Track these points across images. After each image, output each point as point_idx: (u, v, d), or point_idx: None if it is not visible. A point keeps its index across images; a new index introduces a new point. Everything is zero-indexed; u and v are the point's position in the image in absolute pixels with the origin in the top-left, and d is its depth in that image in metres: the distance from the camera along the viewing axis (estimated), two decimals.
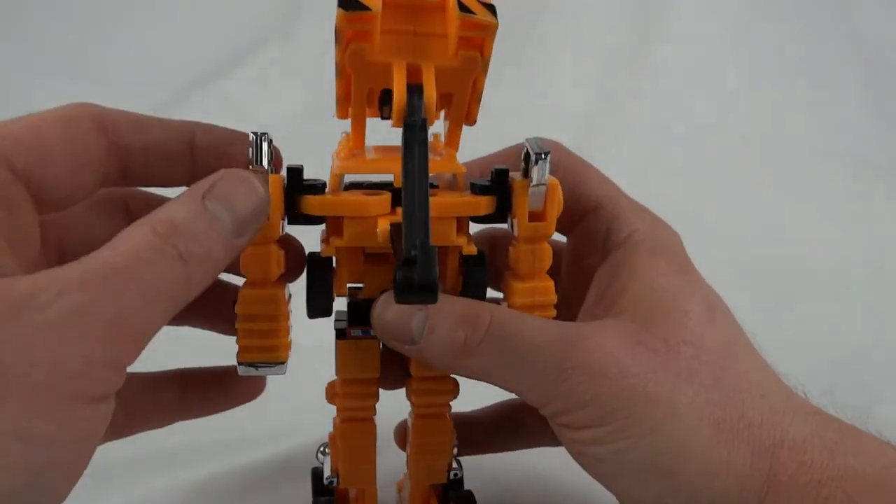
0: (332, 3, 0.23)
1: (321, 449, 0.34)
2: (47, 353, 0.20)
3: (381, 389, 0.32)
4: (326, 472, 0.33)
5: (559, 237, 0.33)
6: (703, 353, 0.27)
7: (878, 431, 0.27)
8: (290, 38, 0.93)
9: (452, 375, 0.32)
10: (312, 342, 0.34)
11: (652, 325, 0.27)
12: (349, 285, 0.30)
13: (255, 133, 0.27)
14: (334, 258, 0.29)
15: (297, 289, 0.31)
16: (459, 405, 0.33)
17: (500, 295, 0.32)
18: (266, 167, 0.27)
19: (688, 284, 0.29)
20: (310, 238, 0.31)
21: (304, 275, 0.30)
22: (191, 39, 0.93)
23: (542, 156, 0.28)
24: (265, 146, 0.27)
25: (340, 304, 0.31)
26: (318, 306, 0.29)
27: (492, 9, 0.24)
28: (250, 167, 0.26)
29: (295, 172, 0.28)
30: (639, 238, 0.30)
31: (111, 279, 0.22)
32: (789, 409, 0.26)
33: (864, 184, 0.92)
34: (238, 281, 0.29)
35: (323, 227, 0.30)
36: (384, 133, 0.28)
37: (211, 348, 0.33)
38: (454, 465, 0.33)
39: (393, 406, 0.34)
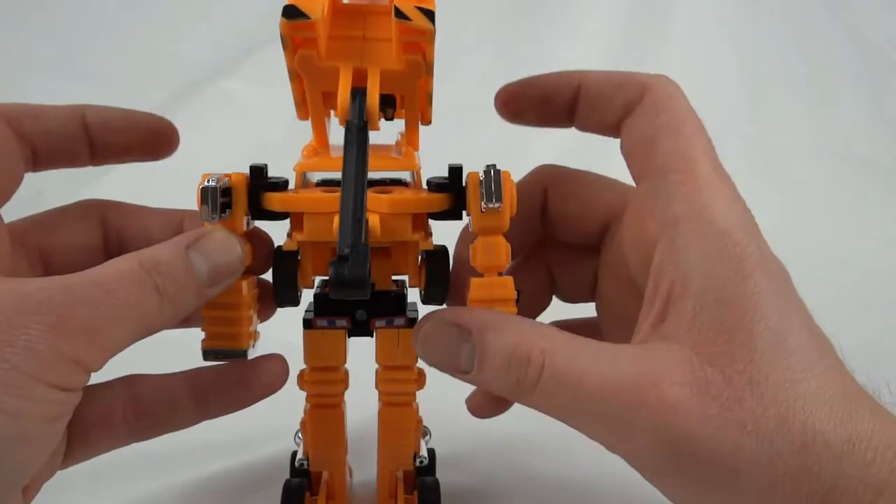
0: None
1: (297, 433, 0.36)
2: (25, 340, 0.23)
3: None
4: (299, 455, 0.35)
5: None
6: (768, 393, 0.25)
7: None
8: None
9: (418, 366, 0.33)
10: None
11: (716, 358, 0.25)
12: (318, 278, 0.32)
13: (202, 188, 0.28)
14: (299, 252, 0.31)
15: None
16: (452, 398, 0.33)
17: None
18: (217, 219, 0.28)
19: (756, 294, 0.26)
20: (281, 234, 0.32)
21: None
22: (191, 39, 0.93)
23: (492, 174, 0.28)
24: (213, 198, 0.28)
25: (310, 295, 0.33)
26: (283, 297, 0.31)
27: (430, 15, 0.25)
28: (205, 224, 0.29)
29: (257, 171, 0.29)
30: (704, 218, 0.27)
31: (92, 291, 0.25)
32: (850, 445, 0.24)
33: (865, 183, 0.92)
34: None
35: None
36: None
37: None
38: (422, 452, 0.35)
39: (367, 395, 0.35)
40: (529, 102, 0.33)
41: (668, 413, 0.25)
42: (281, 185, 0.29)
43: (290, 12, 0.24)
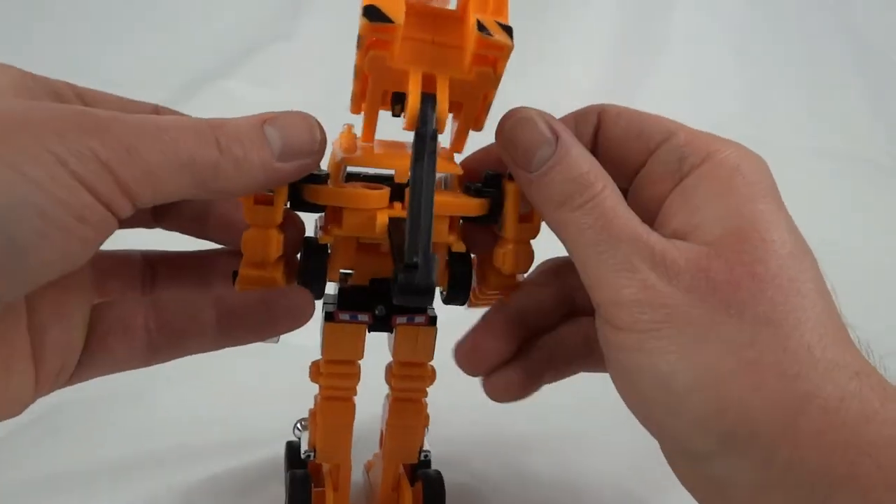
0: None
1: (297, 424, 0.36)
2: (68, 142, 0.22)
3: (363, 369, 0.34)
4: (304, 447, 0.35)
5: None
6: (768, 289, 0.25)
7: None
8: (291, 38, 0.93)
9: (431, 364, 0.34)
10: (307, 343, 0.34)
11: (723, 250, 0.26)
12: (340, 271, 0.31)
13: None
14: (329, 245, 0.31)
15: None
16: (451, 396, 0.34)
17: None
18: None
19: (771, 212, 0.27)
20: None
21: (300, 256, 0.31)
22: (191, 39, 0.93)
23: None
24: None
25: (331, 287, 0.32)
26: (311, 288, 0.30)
27: (509, 31, 0.25)
28: None
29: None
30: (716, 159, 0.28)
31: (144, 122, 0.23)
32: (835, 366, 0.25)
33: (864, 183, 0.92)
34: None
35: (319, 214, 0.31)
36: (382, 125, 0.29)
37: None
38: (425, 447, 0.36)
39: (374, 388, 0.35)
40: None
41: (665, 266, 0.26)
42: (323, 177, 0.29)
43: (373, 14, 0.24)
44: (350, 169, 0.31)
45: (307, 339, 0.34)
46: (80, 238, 0.23)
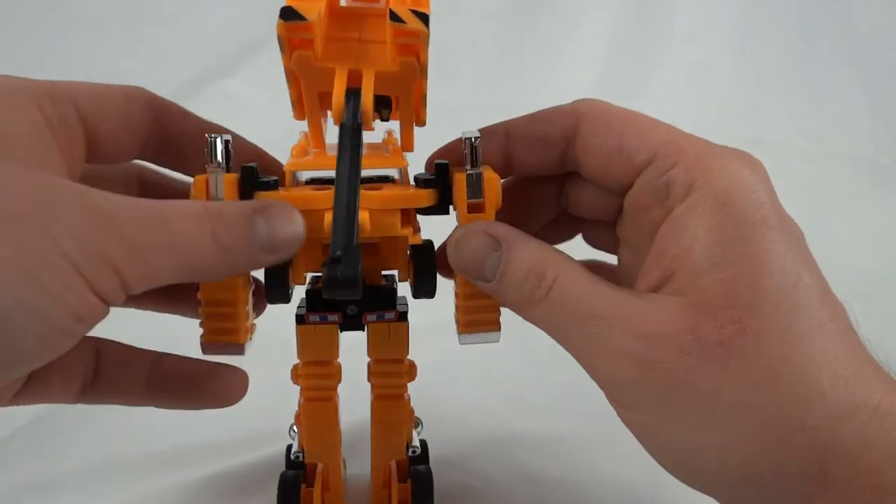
0: None
1: (293, 426, 0.37)
2: (76, 231, 0.23)
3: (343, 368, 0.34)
4: (294, 448, 0.36)
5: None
6: (762, 343, 0.24)
7: None
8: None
9: (409, 358, 0.34)
10: None
11: (712, 307, 0.25)
12: (309, 274, 0.32)
13: (210, 135, 0.29)
14: None
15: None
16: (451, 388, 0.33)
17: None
18: (221, 164, 0.29)
19: (765, 249, 0.26)
20: None
21: None
22: (191, 39, 0.93)
23: (473, 140, 0.29)
24: (219, 146, 0.29)
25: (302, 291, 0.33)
26: (275, 294, 0.31)
27: (424, 18, 0.25)
28: (206, 166, 0.29)
29: (248, 171, 0.30)
30: (703, 191, 0.27)
31: (150, 213, 0.24)
32: (855, 405, 0.24)
33: (864, 183, 0.92)
34: None
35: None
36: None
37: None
38: (414, 443, 0.36)
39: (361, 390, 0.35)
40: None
41: (653, 341, 0.25)
42: (272, 184, 0.30)
43: (287, 14, 0.25)
44: (310, 175, 0.32)
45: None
46: (76, 336, 0.24)
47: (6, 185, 0.23)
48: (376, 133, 0.32)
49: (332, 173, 0.29)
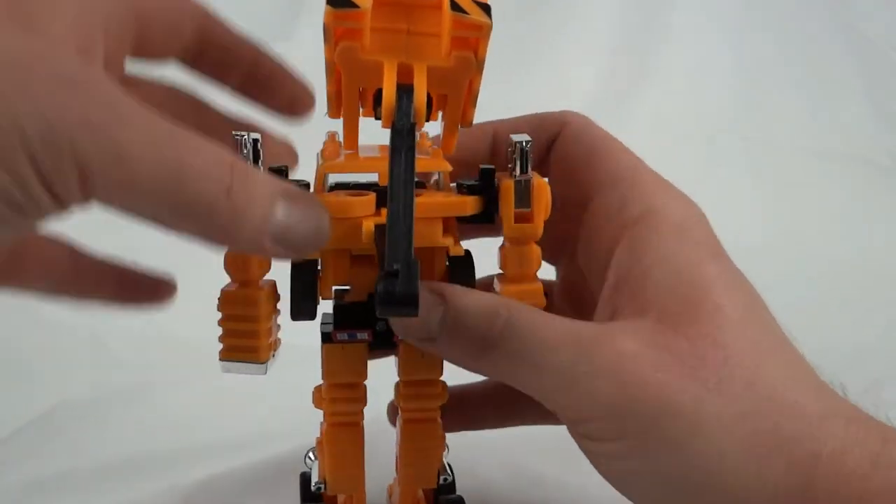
0: None
1: (308, 454, 0.34)
2: (50, 111, 0.19)
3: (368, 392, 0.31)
4: (314, 478, 0.33)
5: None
6: (735, 356, 0.24)
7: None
8: (290, 38, 0.93)
9: (442, 379, 0.31)
10: (308, 343, 0.34)
11: (679, 324, 0.25)
12: (335, 288, 0.30)
13: (237, 134, 0.27)
14: (319, 260, 0.29)
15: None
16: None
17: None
18: (250, 162, 0.27)
19: (719, 274, 0.26)
20: None
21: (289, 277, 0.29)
22: None
23: (524, 144, 0.27)
24: (248, 145, 0.27)
25: (327, 306, 0.30)
26: (301, 309, 0.29)
27: (486, 9, 0.23)
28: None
29: (278, 173, 0.27)
30: (661, 215, 0.27)
31: (173, 133, 0.21)
32: (827, 415, 0.24)
33: (864, 183, 0.92)
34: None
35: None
36: (375, 131, 0.27)
37: None
38: (446, 469, 0.33)
39: (382, 409, 0.34)
40: None
41: (624, 361, 0.24)
42: (303, 186, 0.27)
43: (337, 1, 0.22)
44: (336, 179, 0.29)
45: (307, 340, 0.34)
46: (16, 230, 0.21)
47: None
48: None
49: (367, 177, 0.28)
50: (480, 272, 0.30)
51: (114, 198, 0.20)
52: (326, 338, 0.30)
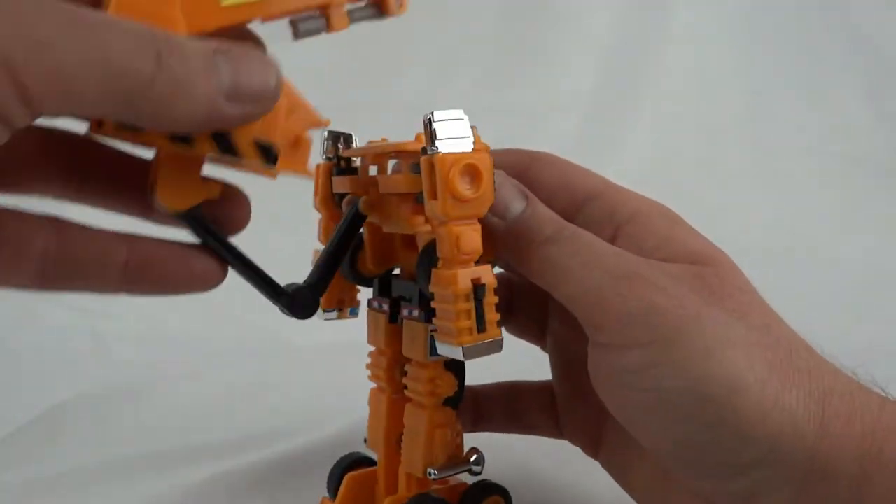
0: None
1: None
2: None
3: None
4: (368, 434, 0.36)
5: None
6: (756, 301, 0.27)
7: None
8: (291, 38, 0.93)
9: (444, 369, 0.31)
10: (308, 343, 0.34)
11: (706, 268, 0.27)
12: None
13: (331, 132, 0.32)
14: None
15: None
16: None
17: None
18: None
19: (715, 250, 0.29)
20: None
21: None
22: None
23: (430, 116, 0.25)
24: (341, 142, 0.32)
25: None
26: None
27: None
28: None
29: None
30: (648, 213, 0.30)
31: (74, 18, 0.20)
32: (835, 370, 0.26)
33: (864, 183, 0.92)
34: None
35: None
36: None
37: None
38: (440, 473, 0.31)
39: None
40: None
41: (665, 273, 0.26)
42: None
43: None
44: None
45: (307, 340, 0.34)
46: None
47: None
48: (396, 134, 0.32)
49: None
50: None
51: (53, 99, 0.19)
52: (369, 303, 0.34)
